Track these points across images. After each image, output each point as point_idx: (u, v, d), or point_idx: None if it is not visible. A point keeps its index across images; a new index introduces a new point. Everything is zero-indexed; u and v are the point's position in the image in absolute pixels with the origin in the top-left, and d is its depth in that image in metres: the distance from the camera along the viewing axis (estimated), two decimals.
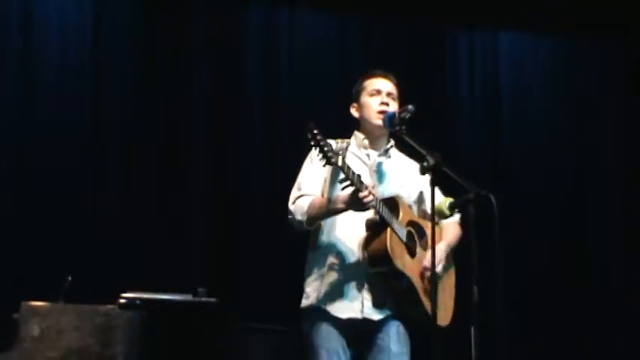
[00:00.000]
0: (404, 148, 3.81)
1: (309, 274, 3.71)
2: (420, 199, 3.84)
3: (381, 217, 3.54)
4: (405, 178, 3.83)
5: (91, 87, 5.36)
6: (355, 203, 3.47)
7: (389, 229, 3.55)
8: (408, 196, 3.81)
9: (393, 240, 3.56)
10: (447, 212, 3.53)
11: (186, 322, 3.78)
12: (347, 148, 3.67)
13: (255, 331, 4.27)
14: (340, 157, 3.38)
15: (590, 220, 6.24)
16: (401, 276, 3.59)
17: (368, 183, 3.48)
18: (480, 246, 3.27)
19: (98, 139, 5.33)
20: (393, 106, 3.77)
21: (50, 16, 5.33)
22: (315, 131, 3.36)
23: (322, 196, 3.67)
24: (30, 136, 5.19)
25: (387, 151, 3.84)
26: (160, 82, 5.48)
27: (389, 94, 3.80)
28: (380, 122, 3.74)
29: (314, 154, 3.53)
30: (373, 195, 3.45)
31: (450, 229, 3.81)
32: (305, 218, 3.62)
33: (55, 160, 5.18)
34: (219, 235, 5.43)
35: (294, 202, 3.67)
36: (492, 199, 3.44)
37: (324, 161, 3.36)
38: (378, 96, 3.79)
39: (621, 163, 6.34)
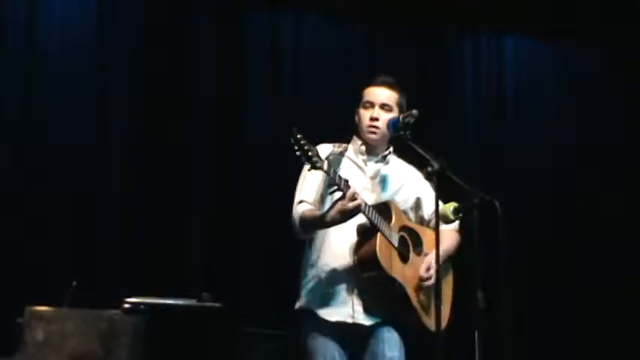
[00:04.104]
0: (404, 153, 3.81)
1: (304, 276, 3.73)
2: (417, 205, 3.84)
3: (371, 222, 3.55)
4: (401, 184, 3.82)
5: (95, 89, 5.36)
6: (343, 213, 3.48)
7: (379, 234, 3.55)
8: (405, 201, 3.80)
9: (383, 245, 3.56)
10: (452, 217, 3.53)
11: (190, 327, 3.77)
12: (343, 153, 3.70)
13: (259, 336, 4.27)
14: (326, 162, 3.39)
15: (593, 221, 6.22)
16: (392, 281, 3.59)
17: (353, 188, 3.46)
18: (484, 250, 3.28)
19: (100, 141, 5.33)
20: (386, 117, 3.73)
21: (54, 18, 5.33)
22: (299, 136, 3.35)
23: (321, 199, 3.68)
24: (32, 138, 5.18)
25: (384, 157, 3.83)
26: (163, 84, 5.47)
27: (383, 106, 3.77)
28: (369, 136, 3.76)
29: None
30: (360, 200, 3.44)
31: (447, 235, 3.75)
32: (297, 228, 3.67)
33: (57, 162, 5.18)
34: (220, 239, 5.42)
35: (294, 209, 3.70)
36: (497, 204, 3.45)
37: (309, 166, 3.37)
38: (371, 109, 3.77)
39: (623, 165, 6.34)
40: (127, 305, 3.65)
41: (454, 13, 6.07)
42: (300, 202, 3.69)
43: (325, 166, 3.38)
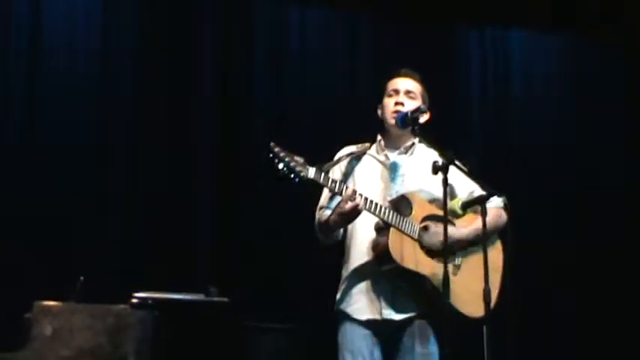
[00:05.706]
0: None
1: (341, 279, 3.77)
2: (452, 192, 3.71)
3: (380, 219, 3.57)
4: (429, 174, 3.74)
5: (99, 88, 5.36)
6: (342, 215, 3.51)
7: (392, 228, 3.55)
8: (437, 188, 3.58)
9: (397, 239, 3.56)
10: (460, 212, 3.55)
11: (198, 322, 3.78)
12: (365, 151, 3.71)
13: (266, 330, 4.28)
14: (312, 170, 3.37)
15: (598, 220, 6.22)
16: (413, 274, 3.57)
17: (349, 190, 3.47)
18: None
19: (105, 139, 5.33)
20: (412, 104, 3.76)
21: (58, 18, 5.34)
22: (277, 149, 3.34)
23: None
24: (37, 138, 5.19)
25: (407, 149, 3.83)
26: (168, 82, 5.47)
27: (407, 92, 3.81)
28: (393, 122, 3.75)
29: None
30: (357, 201, 3.45)
31: (489, 213, 3.50)
32: (317, 234, 3.76)
33: (63, 161, 5.17)
34: (226, 235, 5.42)
35: (316, 215, 3.78)
36: (504, 199, 3.45)
37: (291, 176, 3.35)
38: (395, 96, 3.81)
39: (630, 163, 6.34)
40: (134, 300, 3.66)
41: (460, 11, 6.07)
42: (320, 208, 3.77)
43: (311, 174, 3.37)
